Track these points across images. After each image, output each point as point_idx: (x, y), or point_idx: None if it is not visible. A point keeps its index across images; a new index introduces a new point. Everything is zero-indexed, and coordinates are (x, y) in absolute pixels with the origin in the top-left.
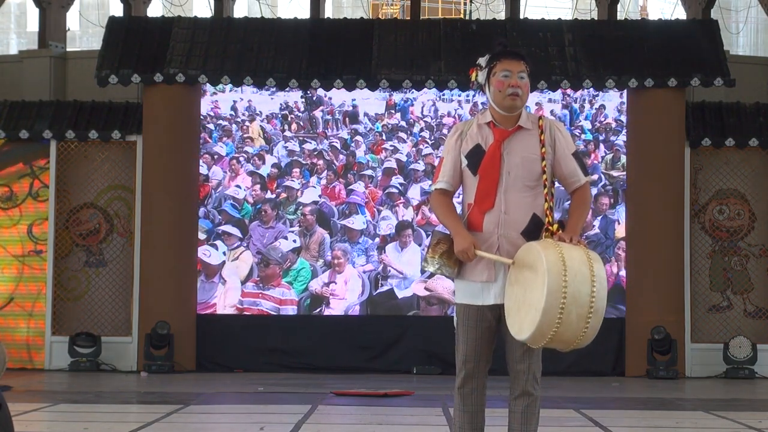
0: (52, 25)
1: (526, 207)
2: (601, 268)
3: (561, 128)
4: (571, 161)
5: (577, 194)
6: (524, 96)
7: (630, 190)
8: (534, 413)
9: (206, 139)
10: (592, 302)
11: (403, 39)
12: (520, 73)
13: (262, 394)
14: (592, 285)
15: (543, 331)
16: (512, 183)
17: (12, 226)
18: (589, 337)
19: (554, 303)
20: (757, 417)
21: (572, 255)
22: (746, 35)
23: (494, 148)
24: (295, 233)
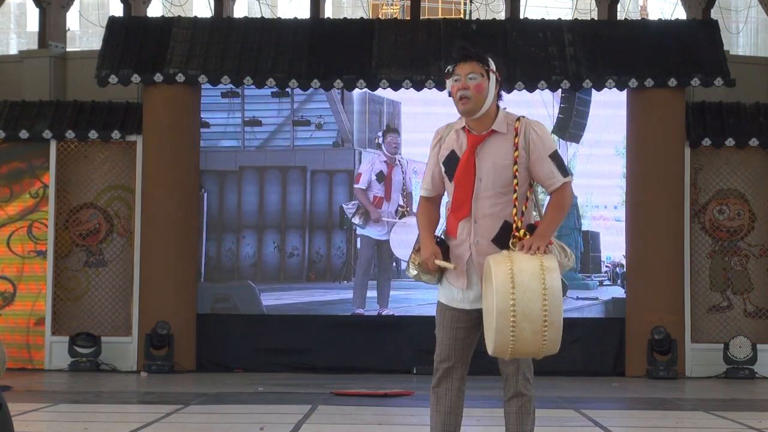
0: (52, 25)
1: (498, 214)
2: (554, 278)
3: (538, 129)
4: (547, 163)
5: (554, 196)
6: (476, 97)
7: (630, 190)
8: (528, 413)
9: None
10: (545, 316)
11: (403, 39)
12: (469, 75)
13: (262, 394)
14: (544, 300)
15: (501, 348)
16: (483, 190)
17: (12, 225)
18: (552, 347)
19: (504, 323)
20: (757, 417)
21: (523, 269)
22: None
23: (467, 155)
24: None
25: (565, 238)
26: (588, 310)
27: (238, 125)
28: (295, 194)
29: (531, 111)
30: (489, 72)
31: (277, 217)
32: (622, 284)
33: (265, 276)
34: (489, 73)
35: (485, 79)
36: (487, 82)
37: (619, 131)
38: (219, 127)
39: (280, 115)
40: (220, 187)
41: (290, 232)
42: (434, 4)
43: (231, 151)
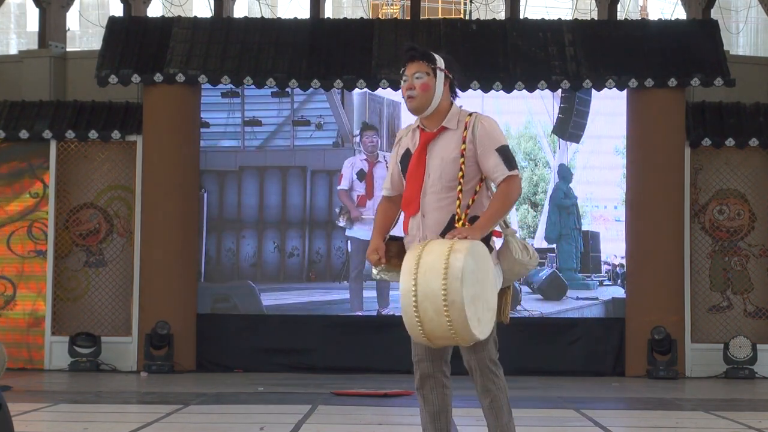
0: (52, 25)
1: (446, 208)
2: (458, 258)
3: (486, 123)
4: (492, 156)
5: (498, 189)
6: (422, 96)
7: (630, 191)
8: (500, 406)
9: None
10: (444, 295)
11: (403, 39)
12: (416, 75)
13: (262, 394)
14: (443, 279)
15: (412, 330)
16: (431, 185)
17: (12, 225)
18: (463, 331)
19: (407, 302)
20: (757, 417)
21: (431, 250)
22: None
23: (418, 151)
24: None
25: (566, 238)
26: (588, 311)
27: (238, 125)
28: (295, 194)
29: (531, 111)
30: (436, 70)
31: (277, 217)
32: (622, 284)
33: (265, 276)
34: (436, 71)
35: (432, 78)
36: (434, 80)
37: (619, 131)
38: (219, 127)
39: (280, 115)
40: (220, 187)
41: (290, 232)
42: (434, 4)
43: (231, 151)
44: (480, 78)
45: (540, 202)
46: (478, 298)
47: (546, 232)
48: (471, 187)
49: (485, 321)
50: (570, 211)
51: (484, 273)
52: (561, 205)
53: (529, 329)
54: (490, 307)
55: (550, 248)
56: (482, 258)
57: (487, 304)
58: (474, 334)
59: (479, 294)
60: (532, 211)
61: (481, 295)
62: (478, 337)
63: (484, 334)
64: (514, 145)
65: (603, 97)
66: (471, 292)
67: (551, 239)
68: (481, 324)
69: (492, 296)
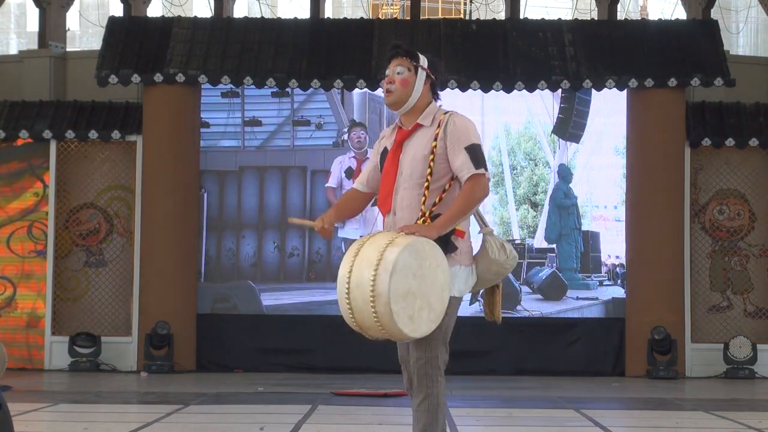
0: (52, 25)
1: (415, 206)
2: (395, 251)
3: (459, 122)
4: (461, 154)
5: (462, 187)
6: (400, 90)
7: (630, 191)
8: (426, 411)
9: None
10: (372, 285)
11: (403, 39)
12: (397, 70)
13: (262, 394)
14: (374, 269)
15: (347, 319)
16: (403, 182)
17: (12, 225)
18: (389, 324)
19: (341, 289)
20: (757, 417)
21: (373, 241)
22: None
23: (392, 149)
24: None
25: (566, 238)
26: (588, 311)
27: (238, 125)
28: (295, 194)
29: (531, 111)
30: (418, 68)
31: (277, 217)
32: (622, 284)
33: (265, 276)
34: (418, 69)
35: (412, 75)
36: (415, 77)
37: (619, 131)
38: (219, 127)
39: (280, 115)
40: (220, 187)
41: (290, 232)
42: (434, 4)
43: (231, 151)
44: (480, 78)
45: (540, 202)
46: (413, 295)
47: (546, 232)
48: (440, 185)
49: (421, 320)
50: (570, 211)
51: (428, 271)
52: (561, 205)
53: (529, 329)
54: (433, 309)
55: (550, 248)
56: (428, 256)
57: (427, 303)
58: (402, 331)
59: (416, 291)
60: (532, 211)
61: (418, 293)
62: (408, 335)
63: (417, 333)
64: (514, 145)
65: (603, 97)
66: (403, 287)
67: (551, 239)
68: (414, 322)
69: (437, 297)
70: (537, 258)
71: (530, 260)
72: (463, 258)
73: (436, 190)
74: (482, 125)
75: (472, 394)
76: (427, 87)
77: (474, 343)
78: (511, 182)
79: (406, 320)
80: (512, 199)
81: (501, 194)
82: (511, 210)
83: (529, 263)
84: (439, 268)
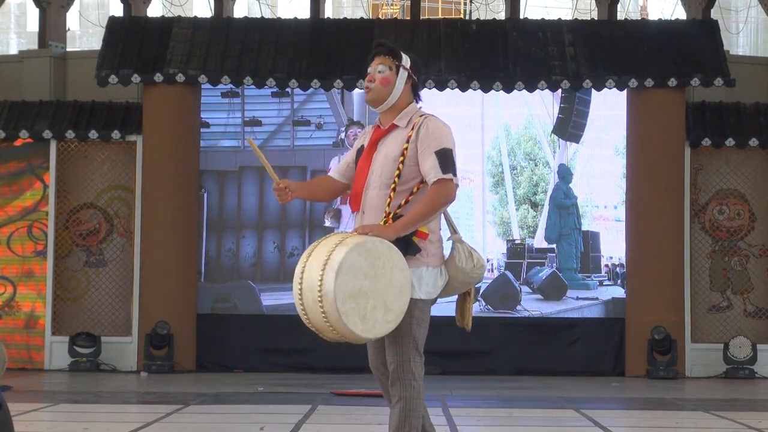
0: (52, 25)
1: (383, 207)
2: (343, 251)
3: (432, 125)
4: (430, 158)
5: (428, 190)
6: (379, 89)
7: (630, 191)
8: (396, 414)
9: None
10: (320, 285)
11: (403, 39)
12: (378, 68)
13: (262, 394)
14: (322, 268)
15: (303, 319)
16: (373, 182)
17: (12, 225)
18: (337, 324)
19: (295, 290)
20: (757, 417)
21: (326, 242)
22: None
23: (367, 148)
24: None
25: (565, 238)
26: (588, 310)
27: (238, 125)
28: None
29: (531, 111)
30: (400, 67)
31: (277, 217)
32: (622, 284)
33: (265, 276)
34: (399, 68)
35: (393, 74)
36: (395, 76)
37: (619, 131)
38: (219, 127)
39: (280, 115)
40: (220, 187)
41: (290, 232)
42: (434, 4)
43: (231, 151)
44: (480, 78)
45: (540, 202)
46: (365, 295)
47: (546, 232)
48: (407, 187)
49: (375, 320)
50: (570, 211)
51: (383, 271)
52: (561, 205)
53: (529, 329)
54: (391, 309)
55: (550, 248)
56: (381, 256)
57: (383, 303)
58: (353, 331)
59: (368, 291)
60: (532, 211)
61: (372, 293)
62: (360, 335)
63: (371, 333)
64: (514, 145)
65: (603, 97)
66: (353, 288)
67: (551, 239)
68: (367, 322)
69: (394, 297)
70: (537, 258)
71: (530, 260)
72: (431, 259)
73: (403, 192)
74: (482, 125)
75: (472, 394)
76: (409, 87)
77: (474, 343)
78: (511, 182)
79: (356, 320)
80: (512, 199)
81: (501, 194)
82: (511, 210)
83: (529, 263)
84: (395, 268)
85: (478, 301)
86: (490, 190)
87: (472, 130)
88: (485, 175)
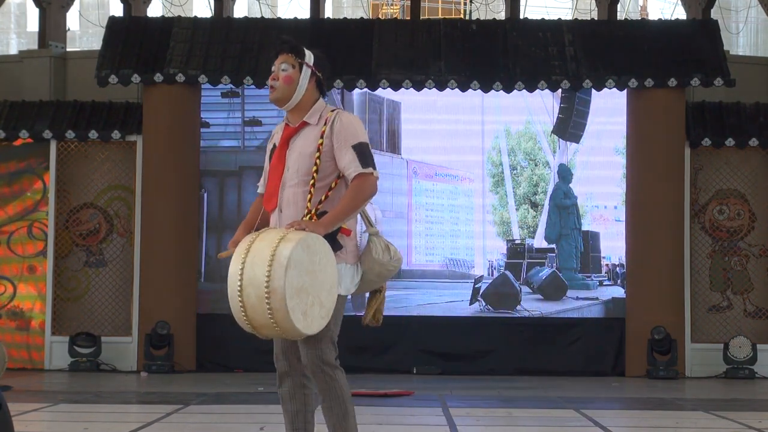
0: (52, 25)
1: (301, 204)
2: (287, 247)
3: (346, 119)
4: (347, 153)
5: (350, 185)
6: (283, 88)
7: (630, 190)
8: (328, 409)
9: None
10: (267, 282)
11: (403, 39)
12: (282, 66)
13: (262, 394)
14: (268, 265)
15: (237, 316)
16: (289, 180)
17: (12, 225)
18: (284, 321)
19: (233, 288)
20: (757, 417)
21: (264, 237)
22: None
23: (279, 147)
24: None
25: (566, 238)
26: (588, 310)
27: (238, 125)
28: None
29: (531, 111)
30: (303, 65)
31: None
32: (622, 284)
33: None
34: (302, 66)
35: (297, 72)
36: (299, 74)
37: (619, 131)
38: (219, 127)
39: (280, 115)
40: (220, 187)
41: None
42: (434, 4)
43: (231, 151)
44: (480, 78)
45: (540, 202)
46: (305, 291)
47: (546, 232)
48: (326, 183)
49: (313, 316)
50: (570, 211)
51: (319, 267)
52: (561, 205)
53: (529, 329)
54: (324, 305)
55: (550, 248)
56: (318, 252)
57: (318, 300)
58: (297, 327)
59: (308, 287)
60: (532, 211)
61: (311, 289)
62: (302, 331)
63: (310, 330)
64: (513, 145)
65: (603, 96)
66: (297, 283)
67: (551, 239)
68: (307, 318)
69: (326, 294)
70: (537, 258)
71: (530, 260)
72: (348, 256)
73: (322, 188)
74: (482, 125)
75: (472, 394)
76: (313, 84)
77: (474, 343)
78: (511, 182)
79: (300, 316)
80: (512, 199)
81: (501, 194)
82: (511, 210)
83: (529, 263)
84: (329, 264)
85: (479, 301)
86: (490, 190)
87: (471, 129)
88: (485, 175)
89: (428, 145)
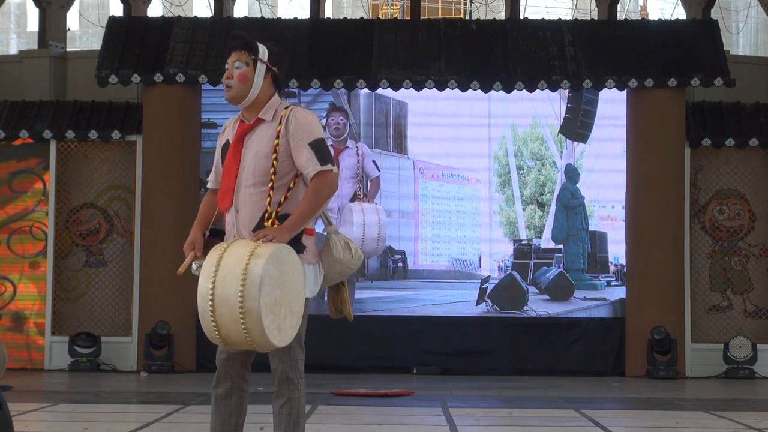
0: (52, 25)
1: (258, 204)
2: (258, 264)
3: (300, 116)
4: (304, 151)
5: (309, 185)
6: (238, 86)
7: (630, 190)
8: (288, 414)
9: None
10: (241, 302)
11: (403, 39)
12: (235, 64)
13: (262, 394)
14: (241, 284)
15: (210, 333)
16: (244, 179)
17: (12, 225)
18: (259, 338)
19: (204, 306)
20: (757, 417)
21: (232, 253)
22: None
23: (233, 144)
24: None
25: (573, 238)
26: (596, 311)
27: None
28: None
29: (537, 111)
30: (257, 61)
31: None
32: None
33: None
34: (257, 62)
35: (251, 69)
36: (253, 71)
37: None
38: (220, 127)
39: None
40: None
41: None
42: (434, 4)
43: None
44: (480, 78)
45: (547, 203)
46: (278, 305)
47: (553, 232)
48: (284, 183)
49: (286, 327)
50: (577, 212)
51: (288, 277)
52: (568, 206)
53: (529, 329)
54: (295, 313)
55: (557, 249)
56: (286, 262)
57: (289, 309)
58: (272, 343)
59: (281, 300)
60: (539, 212)
61: (282, 301)
62: (276, 345)
63: (284, 342)
64: (520, 145)
65: (610, 97)
66: (270, 299)
67: (558, 240)
68: (282, 331)
69: (297, 301)
70: (544, 258)
71: (537, 261)
72: (310, 256)
73: (281, 189)
74: (488, 125)
75: (472, 394)
76: (269, 80)
77: (474, 343)
78: (517, 183)
79: (275, 332)
80: (519, 199)
81: (508, 194)
82: (518, 210)
83: (536, 264)
84: (296, 272)
85: (486, 302)
86: (496, 191)
87: (478, 130)
88: (492, 175)
89: (435, 146)
